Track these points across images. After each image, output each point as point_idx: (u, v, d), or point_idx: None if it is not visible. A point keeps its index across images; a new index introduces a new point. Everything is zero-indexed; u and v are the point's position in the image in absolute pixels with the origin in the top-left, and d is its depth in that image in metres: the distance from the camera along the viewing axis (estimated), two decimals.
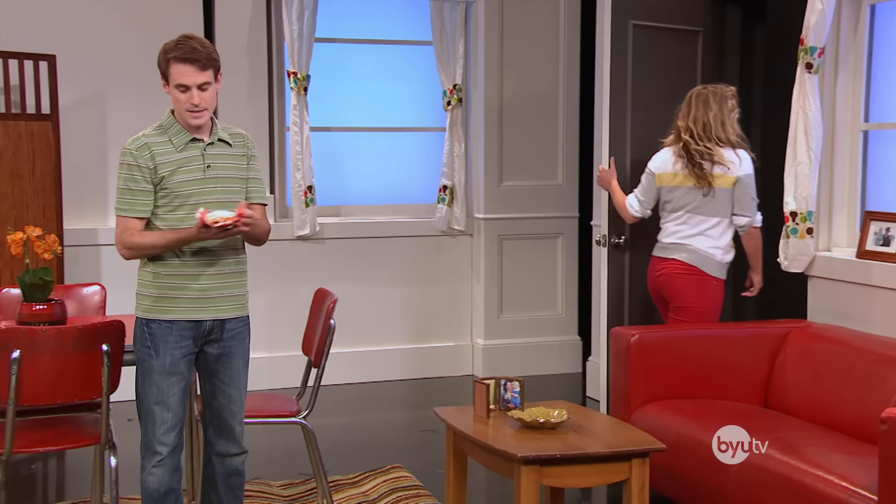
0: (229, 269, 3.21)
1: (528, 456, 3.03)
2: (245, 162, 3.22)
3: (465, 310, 6.42)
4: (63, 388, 3.34)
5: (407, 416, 5.76)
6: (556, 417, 3.28)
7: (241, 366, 3.27)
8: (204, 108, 3.11)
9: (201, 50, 3.08)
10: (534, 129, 6.36)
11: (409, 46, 6.39)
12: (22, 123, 5.08)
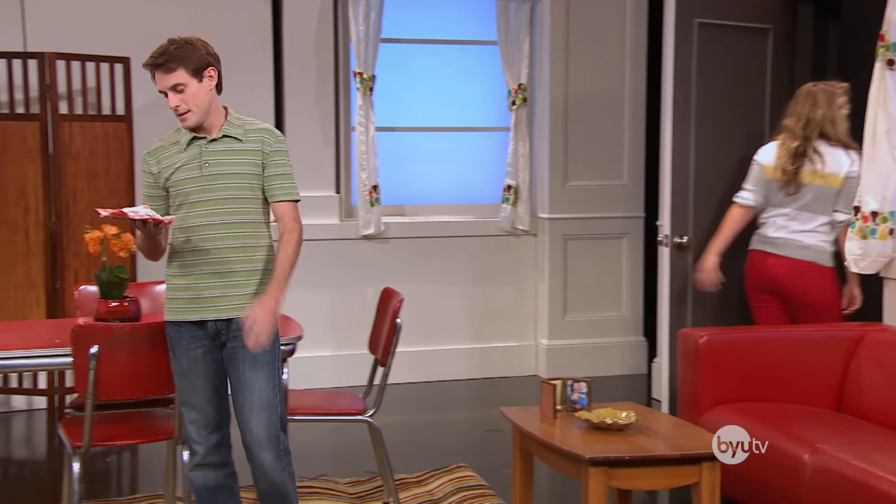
0: (232, 268, 3.10)
1: (596, 457, 3.01)
2: (259, 158, 3.12)
3: (528, 310, 6.41)
4: (137, 384, 3.42)
5: (471, 415, 5.77)
6: (623, 419, 3.26)
7: (248, 369, 3.10)
8: (186, 111, 3.06)
9: (165, 53, 3.03)
10: (599, 128, 6.32)
11: (473, 46, 6.40)
12: (98, 124, 5.20)
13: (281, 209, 3.14)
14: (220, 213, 3.09)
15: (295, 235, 3.13)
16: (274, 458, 3.09)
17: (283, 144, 3.17)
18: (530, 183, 6.32)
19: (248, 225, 3.12)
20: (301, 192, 6.01)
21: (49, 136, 5.14)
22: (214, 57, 3.12)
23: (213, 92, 3.10)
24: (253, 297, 3.08)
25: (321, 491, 4.23)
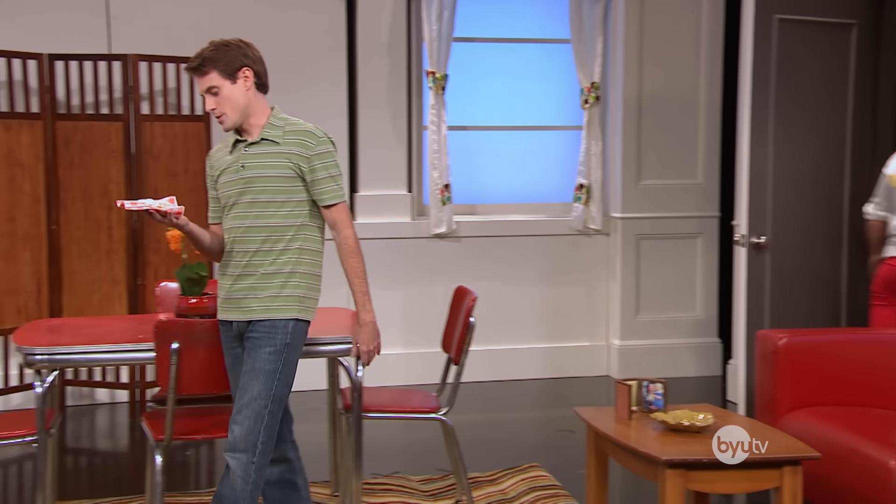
0: (256, 270, 3.08)
1: (673, 460, 2.97)
2: (296, 161, 3.07)
3: (600, 310, 6.36)
4: (216, 379, 3.46)
5: (542, 415, 5.75)
6: (701, 421, 3.21)
7: (247, 372, 3.06)
8: (222, 113, 3.05)
9: (199, 56, 3.04)
10: (673, 126, 6.24)
11: (545, 45, 6.37)
12: (178, 124, 5.31)
13: (328, 215, 3.14)
14: (250, 215, 3.08)
15: (347, 247, 3.14)
16: (242, 465, 3.03)
17: (326, 146, 3.11)
18: (603, 182, 6.27)
19: (276, 228, 3.08)
20: (373, 190, 6.21)
21: (131, 136, 5.27)
22: (252, 58, 3.09)
23: (250, 93, 3.08)
24: (272, 300, 3.06)
25: (394, 488, 4.26)
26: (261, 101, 3.12)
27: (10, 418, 3.73)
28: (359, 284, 3.14)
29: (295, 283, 3.10)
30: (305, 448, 4.70)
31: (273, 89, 5.74)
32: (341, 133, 5.99)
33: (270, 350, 3.05)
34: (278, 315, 3.06)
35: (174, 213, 3.04)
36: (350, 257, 3.14)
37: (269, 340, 3.05)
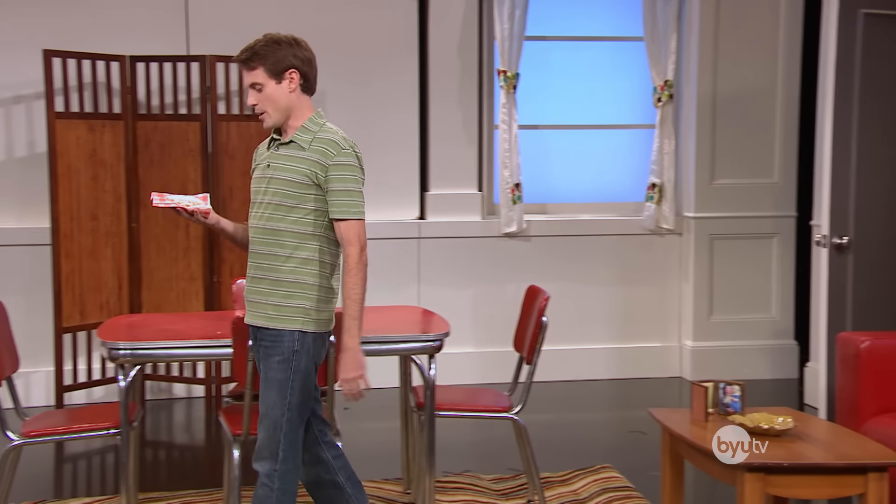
0: (264, 275, 3.01)
1: (752, 463, 2.92)
2: (315, 169, 2.96)
3: (672, 310, 6.28)
4: None
5: (613, 415, 5.70)
6: (780, 424, 3.15)
7: (262, 381, 3.02)
8: (263, 111, 3.00)
9: (249, 49, 2.99)
10: (749, 124, 6.13)
11: (617, 42, 6.31)
12: (252, 124, 5.38)
13: (338, 229, 2.99)
14: (264, 217, 3.02)
15: (347, 265, 2.96)
16: (266, 472, 3.01)
17: (347, 158, 2.98)
18: (675, 181, 6.19)
19: (286, 234, 2.98)
20: (443, 189, 6.20)
21: (208, 136, 5.36)
22: (301, 59, 3.01)
23: (293, 94, 3.00)
24: (276, 309, 2.98)
25: (466, 486, 4.26)
26: (304, 102, 3.04)
27: (94, 411, 3.82)
28: (350, 306, 2.95)
29: (301, 295, 2.98)
30: (377, 446, 4.79)
31: (346, 87, 5.88)
32: (412, 131, 6.02)
33: (279, 359, 2.98)
34: (282, 325, 2.98)
35: (201, 213, 3.02)
36: (347, 276, 2.96)
37: (276, 349, 2.98)
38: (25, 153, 5.55)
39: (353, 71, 5.91)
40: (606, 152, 6.36)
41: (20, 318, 4.05)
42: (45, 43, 5.22)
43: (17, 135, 5.53)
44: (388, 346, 3.70)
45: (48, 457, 4.73)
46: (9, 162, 5.54)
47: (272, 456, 3.01)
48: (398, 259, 5.95)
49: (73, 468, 4.79)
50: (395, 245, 5.95)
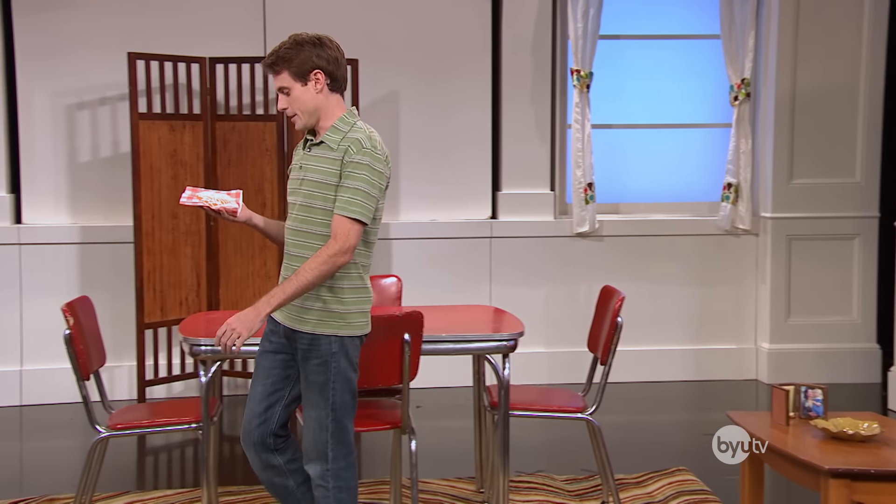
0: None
1: (837, 469, 2.86)
2: (339, 168, 2.94)
3: (748, 312, 6.17)
4: (369, 374, 3.50)
5: (688, 417, 5.62)
6: (866, 430, 3.08)
7: (304, 386, 3.02)
8: (294, 113, 2.98)
9: (273, 54, 2.98)
10: (829, 123, 5.99)
11: (692, 41, 6.23)
12: None
13: (333, 221, 2.93)
14: (298, 219, 3.01)
15: (322, 254, 2.89)
16: (319, 474, 3.01)
17: (365, 157, 2.92)
18: (752, 181, 6.08)
19: (317, 237, 2.96)
20: (516, 189, 6.22)
21: (284, 136, 5.42)
22: (325, 58, 2.97)
23: (321, 95, 2.97)
24: (311, 314, 2.96)
25: (539, 486, 4.24)
26: (333, 101, 3.00)
27: (175, 406, 3.90)
28: (289, 284, 2.89)
29: (336, 300, 2.97)
30: (450, 444, 4.80)
31: (419, 86, 5.91)
32: (485, 131, 6.02)
33: (317, 362, 2.97)
34: (319, 330, 2.97)
35: (229, 212, 3.00)
36: (312, 260, 2.90)
37: (314, 352, 2.97)
38: (110, 153, 5.69)
39: (427, 70, 5.93)
40: (681, 152, 6.29)
41: (104, 314, 4.16)
42: (129, 46, 5.34)
43: (102, 135, 5.68)
44: (462, 345, 3.70)
45: (130, 449, 4.85)
46: (94, 162, 5.69)
47: (321, 457, 3.02)
48: (470, 258, 5.96)
49: (155, 461, 4.89)
50: (467, 244, 5.95)
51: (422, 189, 5.99)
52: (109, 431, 3.57)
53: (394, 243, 5.90)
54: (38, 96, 5.60)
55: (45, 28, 5.57)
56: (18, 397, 5.60)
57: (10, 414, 5.49)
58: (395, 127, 5.97)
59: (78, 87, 5.61)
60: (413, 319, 3.51)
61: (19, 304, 5.57)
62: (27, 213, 5.66)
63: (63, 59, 5.59)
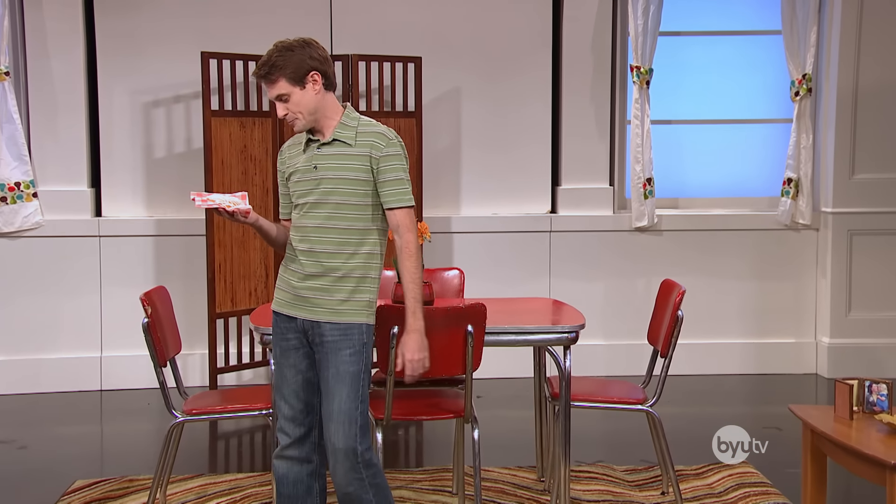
0: (327, 272, 2.97)
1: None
2: (367, 163, 2.95)
3: (808, 307, 6.04)
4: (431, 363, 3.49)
5: (747, 411, 5.54)
6: None
7: (330, 377, 2.96)
8: (294, 119, 2.96)
9: (266, 64, 2.93)
10: (891, 118, 5.86)
11: (752, 37, 6.12)
12: (391, 120, 5.44)
13: (392, 217, 2.99)
14: (322, 216, 2.97)
15: (407, 251, 2.97)
16: (348, 469, 2.94)
17: (395, 149, 2.97)
18: (813, 176, 5.95)
19: (350, 231, 2.97)
20: (575, 184, 6.18)
21: None
22: (318, 59, 2.96)
23: (320, 95, 2.96)
24: (343, 304, 2.96)
25: (599, 476, 4.21)
26: (330, 100, 3.00)
27: (246, 392, 3.95)
28: (413, 290, 2.98)
29: (365, 288, 2.99)
30: (512, 434, 4.79)
31: (481, 84, 5.89)
32: (545, 127, 5.98)
33: (351, 352, 2.95)
34: (351, 319, 2.96)
35: (241, 213, 2.96)
36: (408, 260, 2.97)
37: (347, 342, 2.95)
38: (184, 149, 5.78)
39: (489, 67, 5.91)
40: (740, 147, 6.18)
41: (178, 304, 4.22)
42: (202, 45, 5.42)
43: (176, 132, 5.77)
44: (524, 336, 3.68)
45: (203, 434, 4.92)
46: (169, 157, 5.79)
47: (351, 452, 2.95)
48: (529, 252, 5.93)
49: (226, 445, 4.97)
50: (527, 238, 5.93)
51: (483, 184, 5.97)
52: (185, 416, 3.63)
53: (455, 237, 5.90)
54: (117, 95, 5.71)
55: (125, 29, 5.67)
56: (99, 382, 5.73)
57: (92, 398, 5.62)
58: (457, 123, 5.96)
59: (154, 85, 5.71)
60: (476, 311, 3.50)
61: (99, 293, 5.69)
62: (107, 207, 5.78)
63: (140, 58, 5.69)
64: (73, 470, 4.34)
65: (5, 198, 5.56)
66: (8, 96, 5.49)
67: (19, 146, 5.55)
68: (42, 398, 5.56)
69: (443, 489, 4.07)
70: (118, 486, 4.12)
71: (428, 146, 5.77)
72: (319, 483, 3.12)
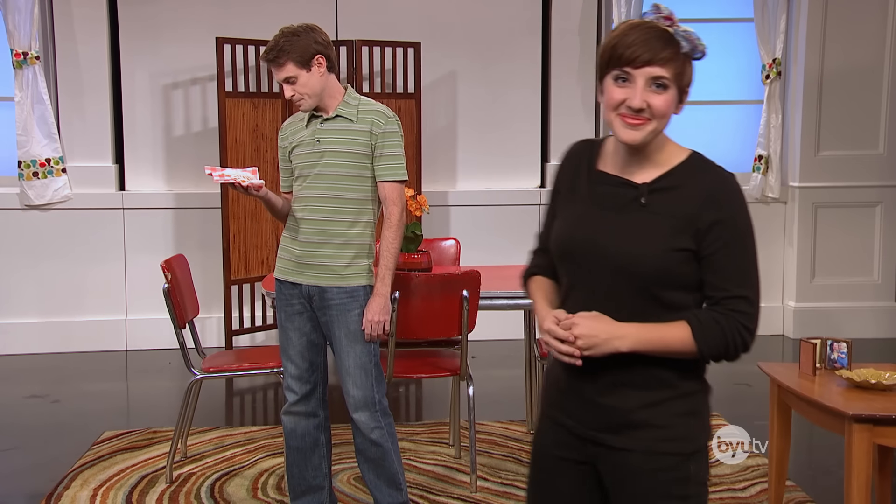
0: (330, 239, 2.96)
1: (860, 415, 2.80)
2: (368, 138, 2.94)
3: (776, 273, 6.05)
4: (430, 326, 3.54)
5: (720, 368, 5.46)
6: (887, 379, 3.00)
7: (343, 336, 2.97)
8: (300, 99, 2.94)
9: (273, 48, 2.91)
10: (854, 99, 5.82)
11: (727, 24, 6.08)
12: (392, 101, 5.41)
13: (382, 190, 2.98)
14: (325, 187, 2.95)
15: (389, 222, 2.96)
16: (369, 417, 2.99)
17: (393, 126, 2.97)
18: (781, 153, 5.94)
19: (350, 201, 2.96)
20: None
21: None
22: (322, 43, 2.95)
23: (324, 77, 2.94)
24: (347, 269, 2.96)
25: None
26: (333, 81, 2.98)
27: (259, 352, 3.95)
28: (387, 258, 2.97)
29: (365, 254, 2.99)
30: (504, 391, 4.81)
31: (475, 68, 5.85)
32: (534, 107, 5.95)
33: (359, 312, 2.96)
34: (355, 282, 2.96)
35: (255, 187, 2.92)
36: (388, 231, 2.97)
37: (354, 303, 2.96)
38: (200, 128, 5.75)
39: (483, 52, 5.87)
40: (715, 126, 6.16)
41: (196, 271, 4.21)
42: (217, 31, 5.37)
43: (193, 112, 5.74)
44: (516, 301, 3.69)
45: (220, 391, 4.94)
46: (187, 136, 5.76)
47: (369, 401, 2.99)
48: (520, 224, 5.92)
49: (241, 401, 4.99)
50: (518, 210, 5.91)
51: (477, 160, 5.95)
52: (203, 374, 3.64)
53: (451, 209, 5.89)
54: (138, 77, 5.67)
55: (145, 16, 5.62)
56: (124, 343, 5.74)
57: (117, 357, 5.63)
58: (454, 104, 5.93)
59: (173, 68, 5.67)
60: (471, 278, 3.50)
61: (123, 261, 5.69)
62: (130, 182, 5.76)
63: (160, 43, 5.64)
64: (102, 422, 4.36)
65: (37, 173, 5.54)
66: (38, 79, 5.45)
67: (49, 125, 5.52)
68: (72, 357, 5.58)
69: (440, 441, 4.09)
70: (143, 436, 4.14)
71: (426, 125, 5.74)
72: (325, 435, 3.15)
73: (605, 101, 1.76)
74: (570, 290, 1.84)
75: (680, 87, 1.80)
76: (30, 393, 4.90)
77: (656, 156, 1.81)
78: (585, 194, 1.82)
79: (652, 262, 1.71)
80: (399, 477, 3.08)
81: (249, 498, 3.52)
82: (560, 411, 1.84)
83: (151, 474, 3.72)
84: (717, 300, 1.77)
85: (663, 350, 1.76)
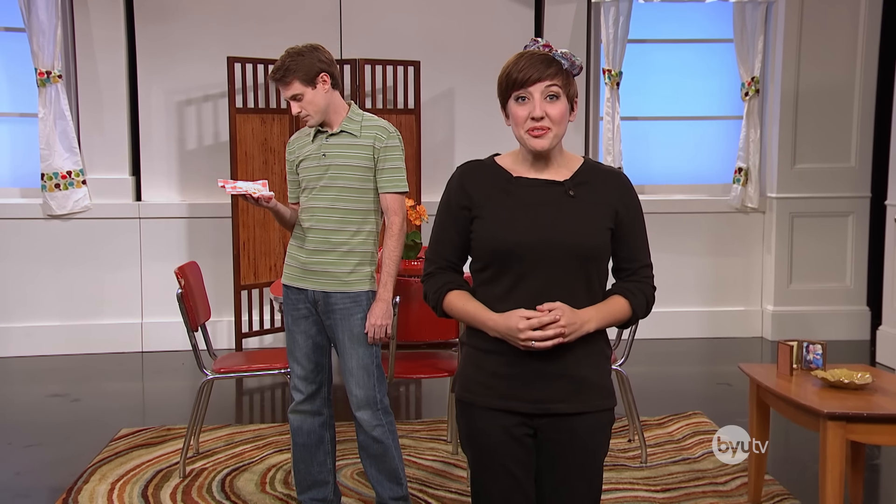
0: (335, 248, 2.95)
1: (834, 412, 2.80)
2: (371, 152, 2.94)
3: (755, 279, 6.06)
4: (427, 329, 3.53)
5: (703, 369, 5.56)
6: (860, 379, 3.01)
7: (347, 339, 2.97)
8: (307, 115, 2.94)
9: (280, 68, 2.91)
10: (828, 116, 5.84)
11: (709, 44, 6.10)
12: (393, 116, 5.43)
13: (384, 200, 2.98)
14: (330, 198, 2.95)
15: (393, 230, 2.96)
16: (371, 415, 2.99)
17: (394, 140, 2.97)
18: (760, 165, 5.96)
19: (354, 212, 2.95)
20: None
21: None
22: (326, 62, 2.95)
23: (329, 94, 2.94)
24: (351, 275, 2.96)
25: None
26: (337, 97, 2.98)
27: (267, 354, 3.95)
28: (389, 266, 2.96)
29: (368, 261, 2.99)
30: None
31: (471, 85, 5.87)
32: None
33: (361, 315, 2.96)
34: (359, 288, 2.96)
35: (265, 198, 2.91)
36: (391, 240, 2.96)
37: (356, 308, 2.96)
38: (212, 142, 5.76)
39: (479, 71, 5.88)
40: (698, 141, 6.17)
41: (208, 277, 4.21)
42: (228, 50, 5.38)
43: (205, 127, 5.75)
44: None
45: (230, 391, 4.93)
46: (199, 149, 5.76)
47: (372, 400, 3.00)
48: None
49: (250, 400, 4.98)
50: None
51: None
52: (214, 375, 3.63)
53: None
54: (154, 94, 5.68)
55: (160, 36, 5.63)
56: (140, 345, 5.73)
57: (134, 358, 5.62)
58: (451, 119, 5.94)
59: (186, 86, 5.68)
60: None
61: (139, 268, 5.69)
62: (146, 193, 5.76)
63: (175, 62, 5.65)
64: (119, 420, 4.35)
65: (59, 185, 5.54)
66: (61, 96, 5.46)
67: (70, 139, 5.52)
68: (91, 358, 5.57)
69: (438, 437, 4.09)
70: (158, 433, 4.13)
71: (426, 139, 5.75)
72: (330, 433, 3.15)
73: (512, 122, 2.01)
74: (513, 287, 1.96)
75: (569, 97, 2.01)
76: (51, 392, 4.89)
77: (559, 160, 2.03)
78: (511, 197, 1.98)
79: (594, 240, 1.95)
80: (400, 472, 3.08)
81: (258, 492, 3.51)
82: (501, 398, 1.99)
83: (166, 469, 3.71)
84: (633, 270, 2.06)
85: (613, 322, 2.02)
